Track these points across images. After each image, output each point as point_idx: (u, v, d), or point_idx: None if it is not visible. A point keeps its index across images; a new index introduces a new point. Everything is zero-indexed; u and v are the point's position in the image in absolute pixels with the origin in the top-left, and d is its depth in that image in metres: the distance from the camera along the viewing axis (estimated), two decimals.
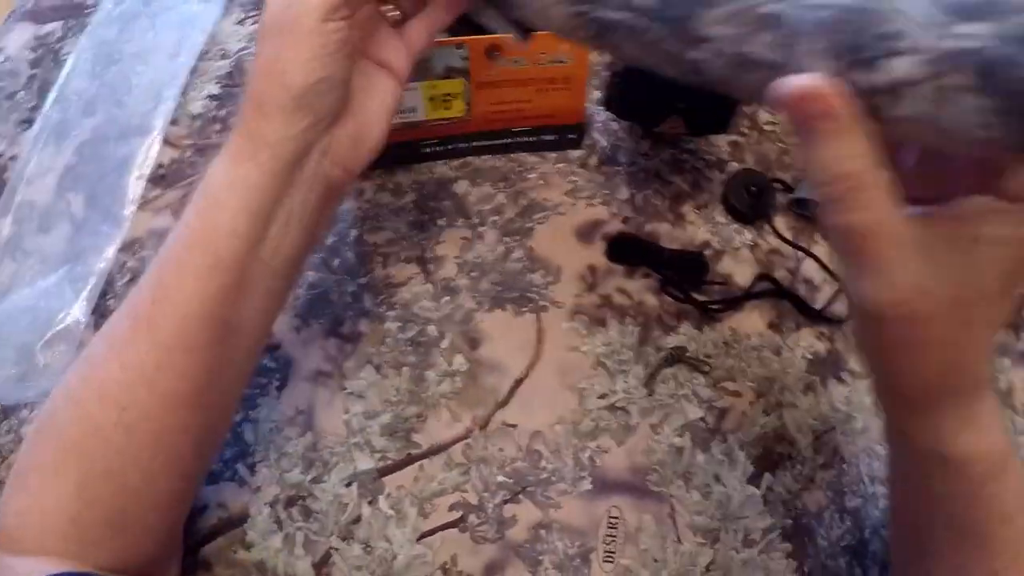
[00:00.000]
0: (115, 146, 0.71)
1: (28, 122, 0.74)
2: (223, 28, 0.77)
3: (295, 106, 0.41)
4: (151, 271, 0.43)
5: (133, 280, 0.63)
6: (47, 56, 0.79)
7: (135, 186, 0.69)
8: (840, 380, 0.63)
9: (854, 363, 0.63)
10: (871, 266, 0.33)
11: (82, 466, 0.42)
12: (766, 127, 0.75)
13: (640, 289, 0.65)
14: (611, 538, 0.55)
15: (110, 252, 0.65)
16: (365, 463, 0.57)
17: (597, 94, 0.71)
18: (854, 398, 0.62)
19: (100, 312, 0.63)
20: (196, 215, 0.43)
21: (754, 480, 0.58)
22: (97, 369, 0.43)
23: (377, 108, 0.48)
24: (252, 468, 0.56)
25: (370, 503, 0.55)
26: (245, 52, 0.75)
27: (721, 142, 0.73)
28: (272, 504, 0.55)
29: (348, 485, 0.56)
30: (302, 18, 0.40)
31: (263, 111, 0.42)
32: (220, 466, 0.56)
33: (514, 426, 0.58)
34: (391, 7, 0.47)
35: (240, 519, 0.55)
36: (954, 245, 0.34)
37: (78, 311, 0.63)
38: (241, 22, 0.77)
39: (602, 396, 0.60)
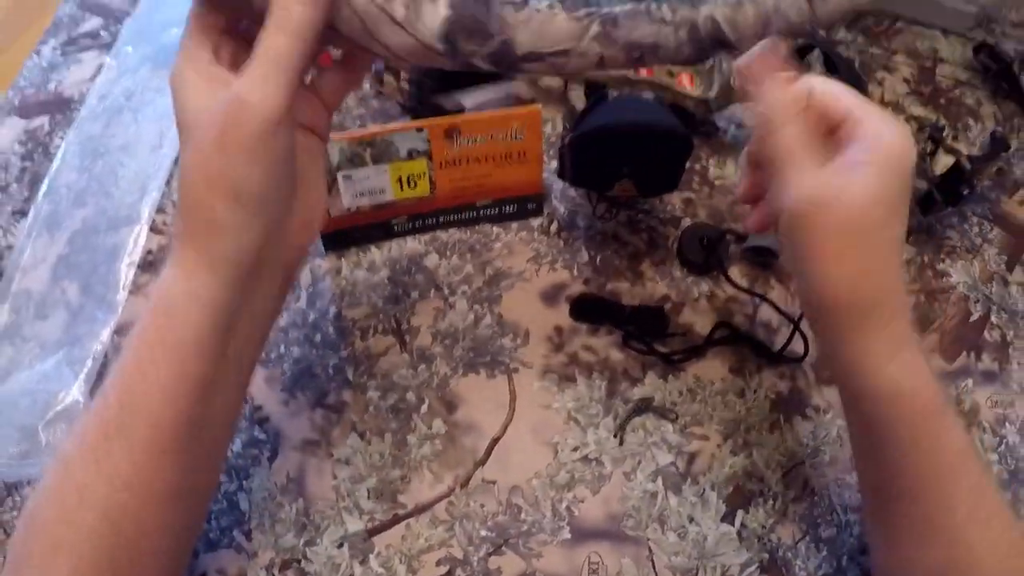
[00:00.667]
0: (105, 235, 0.75)
1: (22, 213, 0.77)
2: None
3: (250, 218, 0.40)
4: (115, 379, 0.42)
5: None
6: (37, 149, 0.82)
7: (126, 272, 0.72)
8: (804, 416, 0.66)
9: (817, 399, 0.66)
10: (780, 179, 0.43)
11: (71, 562, 0.41)
12: (716, 182, 0.79)
13: (605, 345, 0.68)
14: None
15: (105, 336, 0.68)
16: (355, 525, 0.59)
17: (555, 164, 0.75)
18: (819, 432, 0.65)
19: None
20: (156, 329, 0.41)
21: (728, 518, 0.61)
22: (75, 474, 0.41)
23: (317, 176, 0.48)
24: (248, 535, 0.58)
25: (361, 563, 0.57)
26: None
27: (675, 199, 0.77)
28: (268, 568, 0.57)
29: (340, 546, 0.58)
30: (248, 132, 0.38)
31: (214, 226, 0.40)
32: (217, 534, 0.58)
33: (493, 482, 0.61)
34: (335, 50, 0.47)
35: None
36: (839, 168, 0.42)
37: (77, 391, 0.65)
38: None
39: (575, 449, 0.63)
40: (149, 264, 0.73)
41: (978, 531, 0.45)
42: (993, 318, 0.73)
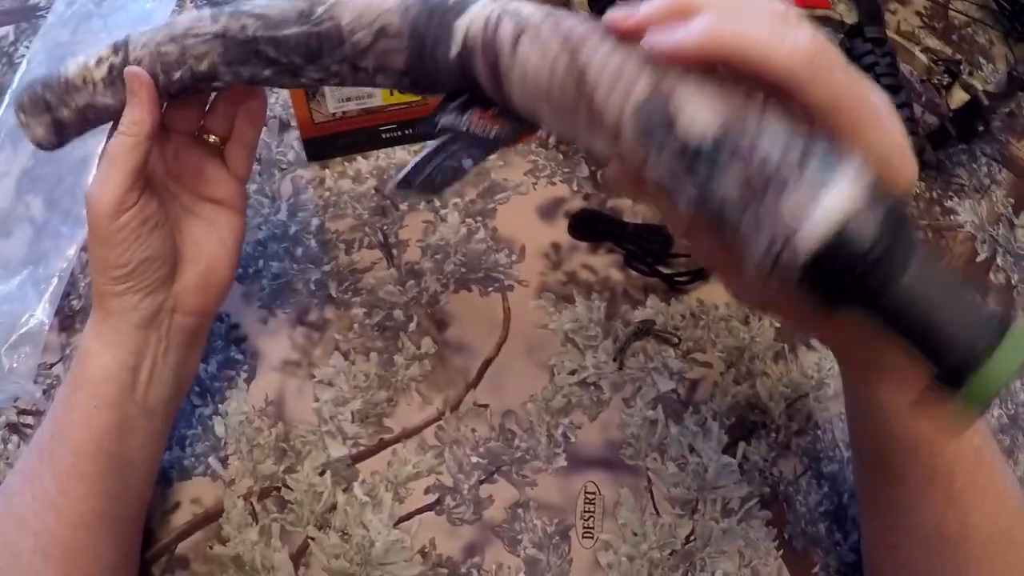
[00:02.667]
0: (71, 146, 0.70)
1: None
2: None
3: (124, 289, 0.46)
4: (50, 409, 0.48)
5: None
6: (0, 60, 0.78)
7: None
8: (810, 347, 0.63)
9: None
10: None
11: None
12: None
13: (605, 264, 0.65)
14: (589, 514, 0.56)
15: (71, 252, 0.64)
16: (338, 451, 0.56)
17: None
18: (824, 364, 0.63)
19: (63, 313, 0.62)
20: (77, 361, 0.47)
21: (729, 450, 0.59)
22: (13, 498, 0.46)
23: (219, 247, 0.51)
24: (224, 461, 0.56)
25: (345, 491, 0.55)
26: None
27: None
28: (246, 497, 0.55)
29: (322, 474, 0.55)
30: (96, 224, 0.45)
31: (102, 293, 0.47)
32: (192, 461, 0.55)
33: (485, 406, 0.58)
34: (209, 135, 0.51)
35: (215, 514, 0.54)
36: None
37: (41, 313, 0.61)
38: None
39: (572, 372, 0.60)
40: None
41: (975, 500, 0.44)
42: (999, 260, 0.72)
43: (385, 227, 0.65)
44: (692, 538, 0.55)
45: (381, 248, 0.64)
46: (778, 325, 0.64)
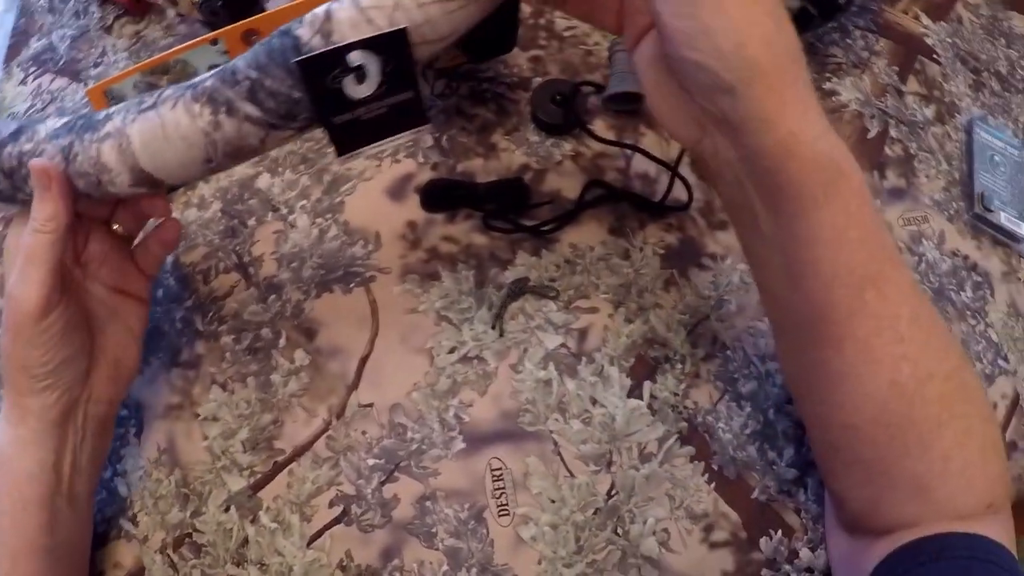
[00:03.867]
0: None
1: None
2: (7, 91, 0.74)
3: (43, 387, 0.46)
4: None
5: None
6: None
7: None
8: (701, 267, 0.62)
9: (712, 246, 0.62)
10: None
11: None
12: (565, 34, 0.73)
13: (465, 231, 0.63)
14: (500, 491, 0.54)
15: None
16: (236, 483, 0.55)
17: None
18: (720, 281, 0.61)
19: None
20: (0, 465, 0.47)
21: (635, 392, 0.57)
22: None
23: (127, 337, 0.52)
24: (134, 520, 0.55)
25: (252, 522, 0.54)
26: (33, 110, 0.73)
27: (520, 60, 0.71)
28: (162, 550, 0.54)
29: (227, 510, 0.54)
30: (21, 325, 0.45)
31: (19, 391, 0.46)
32: (104, 526, 0.55)
33: (370, 405, 0.57)
34: (117, 224, 0.51)
35: (137, 574, 0.54)
36: None
37: None
38: (23, 81, 0.75)
39: (452, 351, 0.58)
40: None
41: (922, 338, 0.43)
42: (892, 132, 0.70)
43: (238, 247, 0.63)
44: (614, 492, 0.54)
45: (237, 269, 0.62)
46: (663, 251, 0.61)
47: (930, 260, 0.64)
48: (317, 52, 0.42)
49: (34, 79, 0.74)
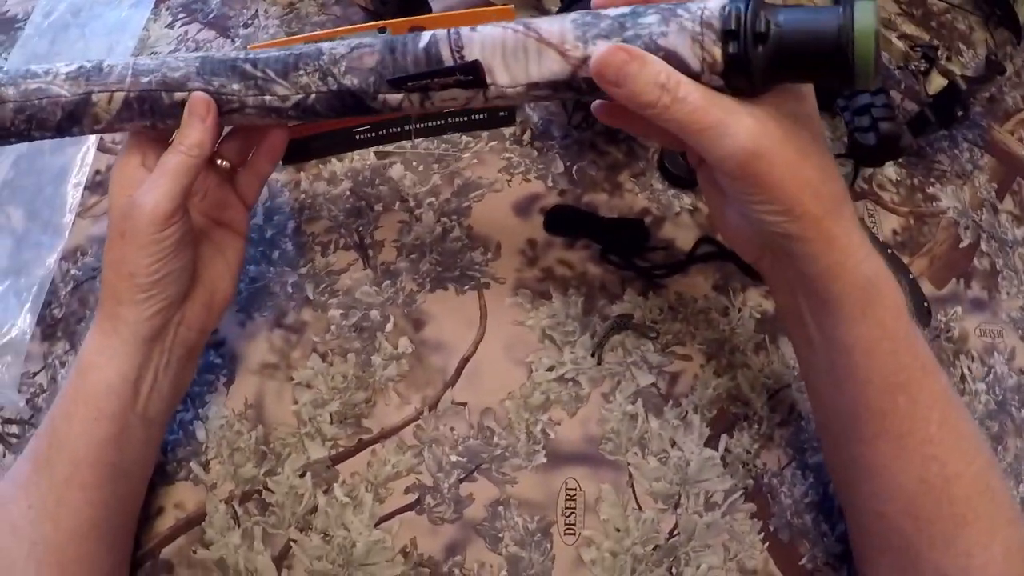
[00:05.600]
0: (51, 157, 0.70)
1: None
2: (153, 32, 0.76)
3: (145, 298, 0.47)
4: (47, 419, 0.48)
5: (76, 288, 0.63)
6: None
7: (73, 194, 0.68)
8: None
9: None
10: (714, 131, 0.40)
11: None
12: None
13: (581, 260, 0.65)
14: (570, 510, 0.55)
15: (51, 261, 0.65)
16: (317, 452, 0.56)
17: None
18: None
19: (45, 322, 0.62)
20: (78, 374, 0.48)
21: (711, 443, 0.58)
22: (8, 506, 0.47)
23: (224, 268, 0.54)
24: (206, 465, 0.56)
25: (325, 492, 0.55)
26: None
27: None
28: (228, 500, 0.55)
29: (302, 475, 0.55)
30: (139, 229, 0.46)
31: (118, 299, 0.47)
32: (174, 466, 0.56)
33: (464, 404, 0.58)
34: (221, 159, 0.53)
35: (198, 518, 0.54)
36: (770, 107, 0.42)
37: (23, 322, 0.62)
38: (171, 25, 0.76)
39: (550, 368, 0.60)
40: (97, 184, 0.69)
41: (951, 441, 0.45)
42: (983, 246, 0.72)
43: (360, 228, 0.65)
44: (675, 532, 0.55)
45: (357, 249, 0.64)
46: (759, 316, 0.63)
47: (998, 373, 0.66)
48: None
49: (181, 25, 0.76)
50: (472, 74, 0.44)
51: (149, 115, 0.48)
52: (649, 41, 0.41)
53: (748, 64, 0.40)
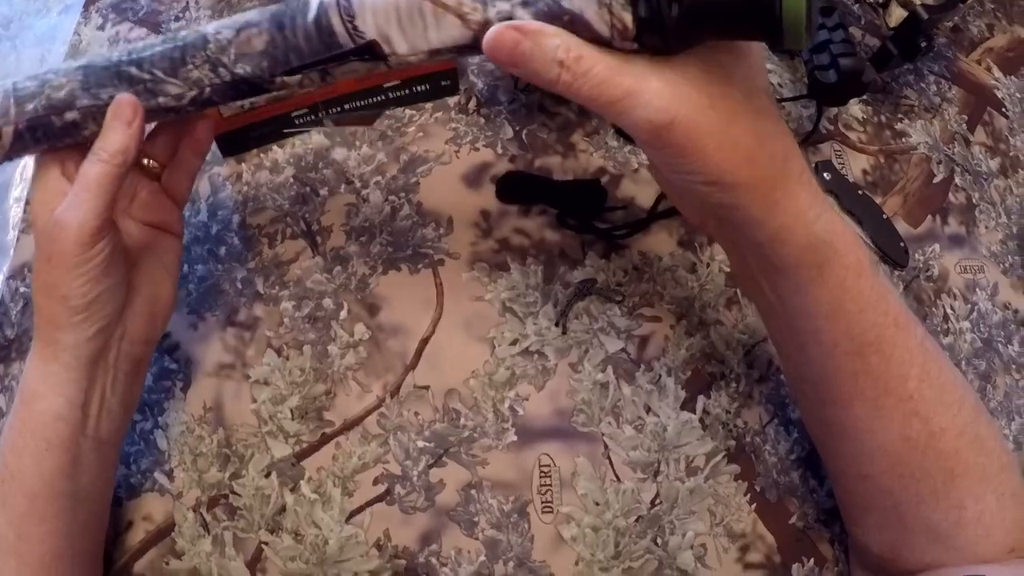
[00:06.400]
0: None
1: None
2: (84, 35, 0.74)
3: (81, 320, 0.45)
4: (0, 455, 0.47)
5: (27, 306, 0.61)
6: None
7: (15, 210, 0.67)
8: None
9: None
10: (623, 103, 0.37)
11: None
12: None
13: (538, 227, 0.63)
14: (546, 487, 0.54)
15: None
16: (281, 450, 0.55)
17: None
18: None
19: None
20: (22, 404, 0.46)
21: (688, 405, 0.58)
22: None
23: (163, 274, 0.52)
24: (170, 474, 0.55)
25: (292, 490, 0.54)
26: None
27: None
28: (195, 508, 0.54)
29: (268, 476, 0.54)
30: (66, 251, 0.43)
31: (54, 324, 0.45)
32: (139, 478, 0.55)
33: (426, 387, 0.57)
34: (148, 159, 0.51)
35: (167, 528, 0.53)
36: (700, 68, 0.38)
37: None
38: (101, 27, 0.74)
39: (514, 343, 0.58)
40: None
41: (933, 394, 0.44)
42: (957, 180, 0.71)
43: (307, 215, 0.63)
44: (657, 501, 0.54)
45: (305, 237, 0.62)
46: (728, 269, 0.62)
47: (982, 310, 0.64)
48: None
49: (112, 26, 0.74)
50: (369, 53, 0.41)
51: (45, 140, 0.45)
52: (553, 3, 0.37)
53: (662, 26, 0.36)
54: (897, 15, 0.69)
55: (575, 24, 0.37)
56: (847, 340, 0.43)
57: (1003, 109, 0.77)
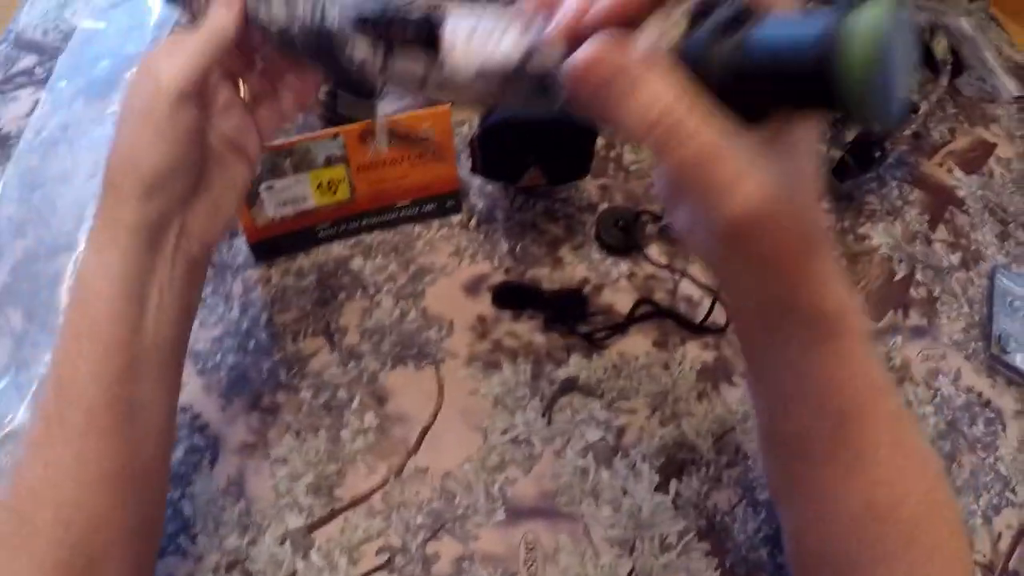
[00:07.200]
0: (45, 264, 0.76)
1: None
2: None
3: (149, 190, 0.43)
4: (50, 374, 0.45)
5: None
6: None
7: (66, 297, 0.73)
8: (731, 383, 0.67)
9: (742, 367, 0.67)
10: (718, 187, 0.33)
11: (32, 566, 0.42)
12: (631, 168, 0.82)
13: (528, 330, 0.70)
14: (531, 561, 0.59)
15: (49, 358, 0.68)
16: (295, 521, 0.60)
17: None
18: (748, 398, 0.66)
19: None
20: (75, 308, 0.44)
21: (662, 488, 0.62)
22: (24, 473, 0.44)
23: (228, 187, 0.50)
24: (193, 539, 0.59)
25: (303, 557, 0.58)
26: None
27: (590, 187, 0.80)
28: (214, 571, 0.58)
29: (281, 543, 0.59)
30: (156, 105, 0.42)
31: (119, 196, 0.43)
32: (164, 541, 0.59)
33: (426, 469, 0.63)
34: (244, 85, 0.50)
35: None
36: (780, 148, 0.35)
37: (23, 413, 0.66)
38: None
39: (504, 432, 0.64)
40: None
41: (900, 461, 0.44)
42: (919, 275, 0.75)
43: (327, 316, 0.70)
44: (633, 574, 0.59)
45: (324, 335, 0.69)
46: (699, 367, 0.68)
47: (945, 395, 0.68)
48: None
49: None
50: (427, 30, 0.39)
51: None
52: None
53: (707, 68, 0.32)
54: (853, 129, 0.75)
55: None
56: (832, 404, 0.42)
57: (964, 207, 0.81)
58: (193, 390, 0.66)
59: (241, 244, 0.73)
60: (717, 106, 0.32)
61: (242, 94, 0.50)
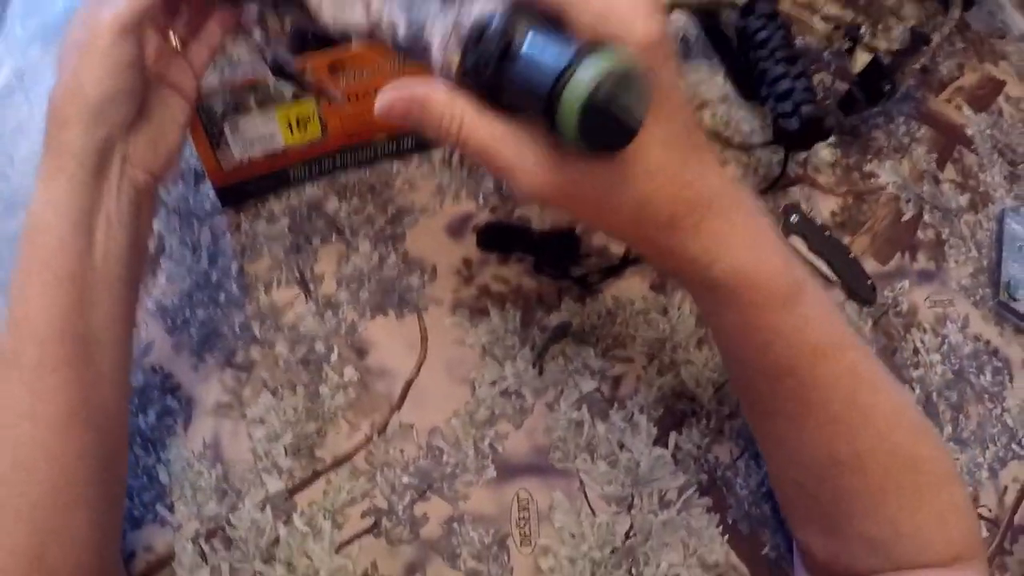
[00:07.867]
0: (4, 220, 0.72)
1: None
2: None
3: (92, 116, 0.44)
4: (4, 313, 0.45)
5: None
6: None
7: None
8: None
9: None
10: (501, 173, 0.39)
11: None
12: None
13: (516, 274, 0.66)
14: (524, 520, 0.57)
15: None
16: (275, 485, 0.58)
17: None
18: None
19: None
20: (25, 241, 0.45)
21: (660, 441, 0.60)
22: None
23: (169, 120, 0.51)
24: (171, 507, 0.57)
25: (285, 523, 0.56)
26: None
27: None
28: (194, 539, 0.56)
29: (262, 509, 0.57)
30: (98, 37, 0.43)
31: (65, 124, 0.44)
32: (141, 510, 0.57)
33: (411, 426, 0.60)
34: (174, 34, 0.51)
35: (167, 559, 0.56)
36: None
37: None
38: None
39: (493, 383, 0.61)
40: None
41: (859, 418, 0.46)
42: (926, 217, 0.73)
43: (300, 263, 0.66)
44: (632, 533, 0.57)
45: (298, 284, 0.65)
46: (698, 311, 0.64)
47: (952, 343, 0.67)
48: None
49: None
50: None
51: None
52: (418, 32, 0.39)
53: (478, 81, 0.37)
54: (861, 60, 0.72)
55: (427, 54, 0.39)
56: (759, 364, 0.46)
57: (972, 146, 0.79)
58: (162, 349, 0.62)
59: (208, 190, 0.69)
60: (497, 111, 0.38)
61: (174, 44, 0.51)
